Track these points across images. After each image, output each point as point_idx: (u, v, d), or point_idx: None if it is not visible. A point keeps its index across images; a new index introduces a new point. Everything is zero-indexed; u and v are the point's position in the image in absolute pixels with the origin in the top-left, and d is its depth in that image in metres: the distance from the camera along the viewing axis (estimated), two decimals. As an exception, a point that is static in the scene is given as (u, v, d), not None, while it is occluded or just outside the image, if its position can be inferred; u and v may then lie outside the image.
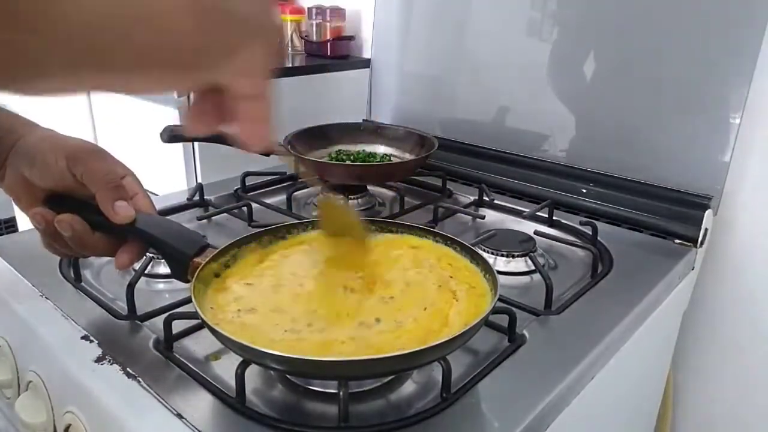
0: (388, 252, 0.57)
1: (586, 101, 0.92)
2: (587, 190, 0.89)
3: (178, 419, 0.43)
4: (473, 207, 0.89)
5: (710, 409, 0.98)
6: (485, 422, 0.45)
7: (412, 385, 0.49)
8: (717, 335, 0.94)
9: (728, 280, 0.90)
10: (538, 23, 0.97)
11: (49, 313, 0.57)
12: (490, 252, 0.70)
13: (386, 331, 0.45)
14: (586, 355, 0.53)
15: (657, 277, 0.68)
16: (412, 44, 1.16)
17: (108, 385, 0.47)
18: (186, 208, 0.85)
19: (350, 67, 1.27)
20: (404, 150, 0.99)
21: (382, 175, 0.90)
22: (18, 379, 0.58)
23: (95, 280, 0.65)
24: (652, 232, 0.80)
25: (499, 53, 1.01)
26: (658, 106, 0.85)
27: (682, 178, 0.82)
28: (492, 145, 1.01)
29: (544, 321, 0.58)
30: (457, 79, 1.09)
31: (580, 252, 0.75)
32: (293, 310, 0.47)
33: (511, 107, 1.02)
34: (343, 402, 0.42)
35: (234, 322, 0.46)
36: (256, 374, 0.49)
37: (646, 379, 0.82)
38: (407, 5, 1.14)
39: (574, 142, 0.94)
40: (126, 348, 0.52)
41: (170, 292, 0.63)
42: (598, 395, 0.56)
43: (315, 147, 0.98)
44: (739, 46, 0.77)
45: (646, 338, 0.67)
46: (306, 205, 0.91)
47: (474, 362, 0.52)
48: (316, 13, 1.31)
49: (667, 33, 0.83)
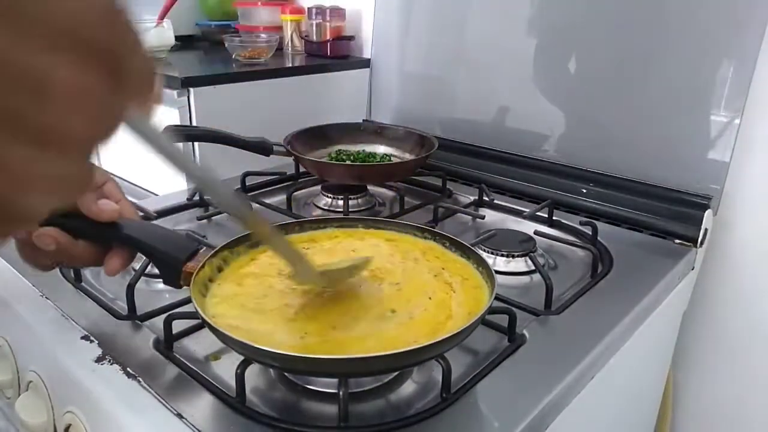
0: (364, 241, 0.58)
1: (587, 101, 0.92)
2: (587, 190, 0.89)
3: (178, 419, 0.43)
4: (473, 207, 0.89)
5: (710, 409, 0.98)
6: (485, 422, 0.45)
7: (412, 385, 0.49)
8: (717, 335, 0.94)
9: (728, 280, 0.90)
10: (539, 23, 0.97)
11: (49, 313, 0.57)
12: (490, 252, 0.70)
13: (402, 324, 0.46)
14: (586, 355, 0.53)
15: (657, 277, 0.68)
16: (412, 44, 1.16)
17: (108, 385, 0.47)
18: (186, 208, 0.85)
19: (350, 67, 1.27)
20: (404, 150, 1.00)
21: (382, 175, 0.90)
22: (18, 379, 0.58)
23: (95, 280, 0.65)
24: (652, 232, 0.80)
25: (499, 53, 1.01)
26: (659, 106, 0.85)
27: (682, 178, 0.82)
28: (492, 145, 1.01)
29: (544, 321, 0.58)
30: (457, 79, 1.09)
31: (580, 252, 0.75)
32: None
33: (511, 107, 1.02)
34: (343, 402, 0.42)
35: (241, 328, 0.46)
36: (256, 374, 0.49)
37: (646, 378, 0.82)
38: (407, 5, 1.14)
39: (574, 142, 0.94)
40: (126, 348, 0.52)
41: (170, 292, 0.63)
42: (598, 395, 0.56)
43: (315, 147, 0.98)
44: (739, 45, 0.77)
45: (646, 338, 0.67)
46: (306, 205, 0.91)
47: (474, 362, 0.52)
48: (316, 13, 1.31)
49: (668, 33, 0.83)
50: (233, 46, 1.21)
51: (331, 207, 0.89)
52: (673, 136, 0.84)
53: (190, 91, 1.02)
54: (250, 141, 0.92)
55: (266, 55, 1.22)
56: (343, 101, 1.26)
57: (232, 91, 1.09)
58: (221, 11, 1.51)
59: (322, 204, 0.90)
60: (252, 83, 1.11)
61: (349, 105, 1.24)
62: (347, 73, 1.26)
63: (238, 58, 1.21)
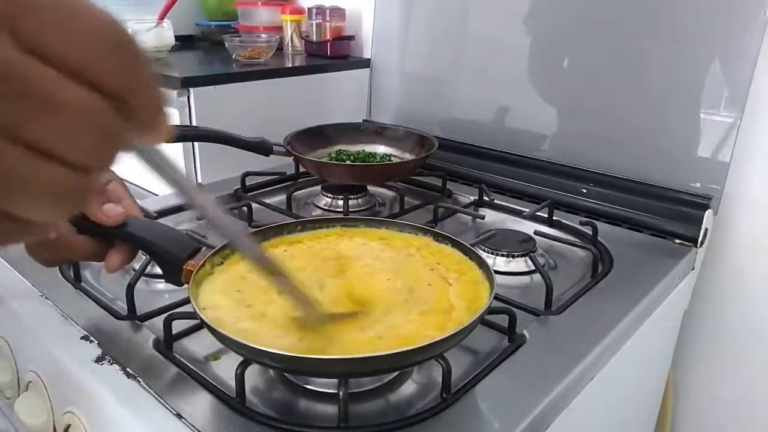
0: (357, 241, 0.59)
1: (587, 101, 0.92)
2: (587, 190, 0.89)
3: (178, 419, 0.43)
4: (473, 207, 0.89)
5: (710, 409, 0.98)
6: (485, 422, 0.45)
7: (412, 385, 0.49)
8: (717, 335, 0.94)
9: (728, 280, 0.90)
10: (539, 23, 0.97)
11: (49, 313, 0.57)
12: (489, 252, 0.70)
13: (413, 321, 0.46)
14: (586, 355, 0.53)
15: (657, 277, 0.68)
16: (412, 44, 1.16)
17: (108, 385, 0.47)
18: (186, 208, 0.85)
19: (350, 67, 1.27)
20: (404, 150, 0.99)
21: (382, 175, 0.90)
22: (18, 379, 0.58)
23: (95, 280, 0.65)
24: (652, 232, 0.80)
25: (499, 53, 1.01)
26: (659, 106, 0.85)
27: (682, 178, 0.82)
28: (492, 145, 1.01)
29: (544, 321, 0.58)
30: (457, 79, 1.09)
31: (580, 252, 0.75)
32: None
33: (511, 107, 1.02)
34: (342, 402, 0.42)
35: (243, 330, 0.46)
36: (256, 374, 0.49)
37: (646, 378, 0.82)
38: (407, 5, 1.14)
39: (575, 142, 0.94)
40: (126, 348, 0.52)
41: (170, 292, 0.63)
42: (598, 395, 0.56)
43: (315, 147, 0.98)
44: (739, 45, 0.77)
45: (646, 338, 0.67)
46: (306, 205, 0.91)
47: (474, 362, 0.52)
48: (316, 13, 1.30)
49: (668, 33, 0.83)
50: (233, 46, 1.21)
51: (331, 207, 0.89)
52: (673, 136, 0.84)
53: (190, 91, 1.02)
54: (250, 141, 0.92)
55: (266, 55, 1.22)
56: (343, 101, 1.26)
57: (232, 91, 1.09)
58: (221, 11, 1.51)
59: (322, 204, 0.90)
60: (252, 83, 1.11)
61: (349, 105, 1.24)
62: (347, 73, 1.26)
63: (238, 58, 1.21)
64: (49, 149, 0.19)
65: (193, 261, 0.50)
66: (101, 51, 0.19)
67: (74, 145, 0.19)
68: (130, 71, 0.21)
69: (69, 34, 0.19)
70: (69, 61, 0.19)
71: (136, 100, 0.21)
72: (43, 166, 0.19)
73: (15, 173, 0.18)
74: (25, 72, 0.18)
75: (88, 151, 0.20)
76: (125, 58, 0.20)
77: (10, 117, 0.18)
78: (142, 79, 0.21)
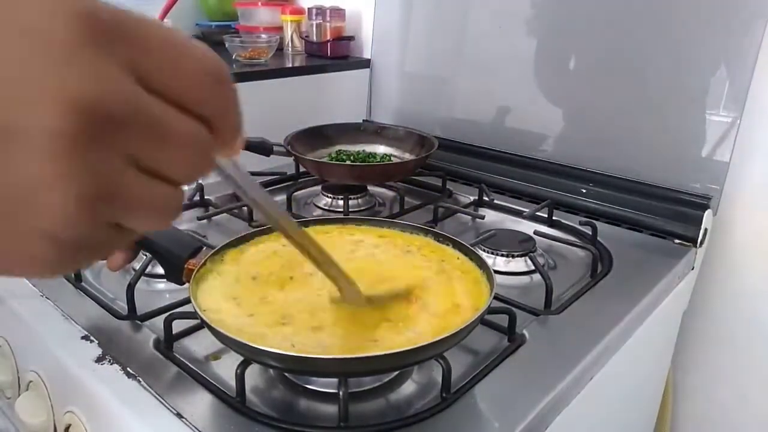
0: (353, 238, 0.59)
1: (586, 101, 0.92)
2: (587, 190, 0.89)
3: (178, 419, 0.43)
4: (473, 207, 0.89)
5: (710, 409, 0.98)
6: (485, 422, 0.45)
7: (412, 385, 0.49)
8: (717, 335, 0.94)
9: (728, 280, 0.90)
10: (538, 23, 0.97)
11: (49, 313, 0.57)
12: (489, 252, 0.70)
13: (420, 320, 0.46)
14: (586, 355, 0.53)
15: (657, 277, 0.68)
16: (412, 44, 1.16)
17: (108, 385, 0.47)
18: (186, 208, 0.85)
19: (350, 68, 1.27)
20: (404, 150, 1.00)
21: (382, 175, 0.90)
22: (18, 379, 0.58)
23: (95, 280, 0.65)
24: (652, 232, 0.80)
25: (498, 53, 1.01)
26: (659, 106, 0.85)
27: (682, 178, 0.82)
28: (492, 145, 1.01)
29: (543, 321, 0.58)
30: (457, 80, 1.09)
31: (579, 252, 0.75)
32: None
33: (511, 107, 1.02)
34: (342, 402, 0.42)
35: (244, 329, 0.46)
36: (256, 374, 0.49)
37: (646, 378, 0.82)
38: (407, 5, 1.14)
39: (574, 142, 0.94)
40: (126, 348, 0.52)
41: (170, 292, 0.63)
42: (598, 395, 0.57)
43: (315, 147, 0.98)
44: (739, 45, 0.77)
45: (646, 338, 0.67)
46: (306, 205, 0.91)
47: (474, 362, 0.52)
48: (316, 13, 1.30)
49: (668, 33, 0.83)
50: (233, 46, 1.21)
51: (331, 207, 0.89)
52: (673, 136, 0.84)
53: (191, 91, 1.02)
54: (250, 141, 0.92)
55: (266, 55, 1.22)
56: (343, 101, 1.25)
57: (232, 91, 1.08)
58: (221, 12, 1.51)
59: (322, 204, 0.90)
60: (252, 83, 1.11)
61: (349, 105, 1.24)
62: (347, 74, 1.26)
63: (238, 59, 1.21)
64: (161, 172, 0.21)
65: (194, 260, 0.51)
66: (208, 86, 0.22)
67: (182, 168, 0.22)
68: (227, 100, 0.23)
69: (183, 72, 0.21)
70: (182, 96, 0.21)
71: (224, 123, 0.23)
72: (155, 186, 0.21)
73: (133, 192, 0.21)
74: (150, 110, 0.20)
75: (191, 171, 0.22)
76: (225, 90, 0.23)
77: (136, 147, 0.20)
78: (233, 105, 0.24)
